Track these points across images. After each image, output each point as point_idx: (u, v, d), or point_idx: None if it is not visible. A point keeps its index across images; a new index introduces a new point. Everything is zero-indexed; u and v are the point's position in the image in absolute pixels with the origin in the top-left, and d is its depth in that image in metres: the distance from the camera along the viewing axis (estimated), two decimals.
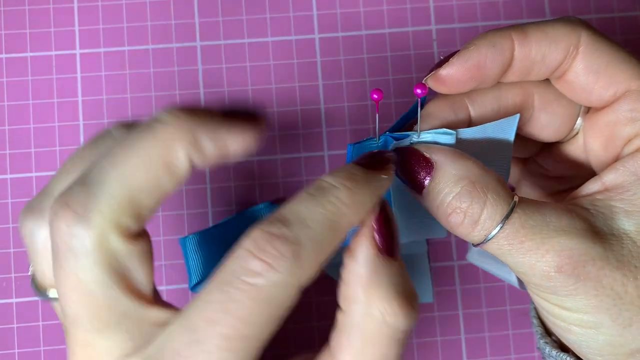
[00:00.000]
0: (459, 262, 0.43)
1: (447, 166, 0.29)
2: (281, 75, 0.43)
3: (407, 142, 0.30)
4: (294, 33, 0.44)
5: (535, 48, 0.30)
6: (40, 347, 0.41)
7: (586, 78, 0.30)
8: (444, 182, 0.28)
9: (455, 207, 0.28)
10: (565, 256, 0.28)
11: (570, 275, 0.28)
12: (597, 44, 0.30)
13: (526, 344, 0.42)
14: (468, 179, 0.28)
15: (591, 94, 0.31)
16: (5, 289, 0.41)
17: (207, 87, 0.43)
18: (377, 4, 0.44)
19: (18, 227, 0.34)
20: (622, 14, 0.45)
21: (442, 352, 0.42)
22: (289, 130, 0.43)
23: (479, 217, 0.28)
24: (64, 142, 0.42)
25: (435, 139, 0.30)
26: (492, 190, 0.28)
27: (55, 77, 0.43)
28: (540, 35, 0.30)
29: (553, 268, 0.28)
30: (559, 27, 0.30)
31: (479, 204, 0.28)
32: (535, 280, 0.28)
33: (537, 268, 0.28)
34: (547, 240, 0.28)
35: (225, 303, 0.23)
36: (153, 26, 0.43)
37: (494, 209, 0.28)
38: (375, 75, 0.44)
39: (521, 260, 0.28)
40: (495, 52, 0.29)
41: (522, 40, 0.30)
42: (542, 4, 0.45)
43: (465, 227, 0.28)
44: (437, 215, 0.29)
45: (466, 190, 0.28)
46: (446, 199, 0.28)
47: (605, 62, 0.30)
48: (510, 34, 0.30)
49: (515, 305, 0.43)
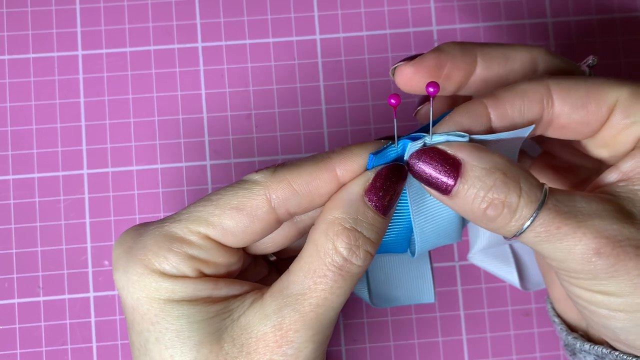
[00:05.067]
0: (460, 262, 0.43)
1: (475, 161, 0.29)
2: (282, 76, 0.44)
3: (420, 144, 0.30)
4: (295, 34, 0.44)
5: (510, 108, 0.30)
6: (42, 347, 0.41)
7: (578, 114, 0.31)
8: (474, 176, 0.28)
9: (491, 199, 0.28)
10: (603, 237, 0.28)
11: (609, 256, 0.28)
12: (566, 84, 0.31)
13: (528, 345, 0.42)
14: (500, 171, 0.28)
15: (589, 124, 0.31)
16: (8, 290, 0.41)
17: (209, 89, 0.43)
18: (378, 4, 0.44)
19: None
20: (623, 14, 0.45)
21: (444, 352, 0.42)
22: (290, 130, 0.43)
23: (517, 205, 0.28)
24: (66, 143, 0.42)
25: (446, 140, 0.30)
26: (524, 179, 0.29)
27: (58, 78, 0.43)
28: (511, 95, 0.31)
29: (592, 250, 0.28)
30: (526, 84, 0.31)
31: (515, 193, 0.28)
32: (574, 266, 0.29)
33: (575, 252, 0.28)
34: (582, 224, 0.28)
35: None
36: (155, 27, 0.44)
37: (529, 197, 0.28)
38: (377, 76, 0.44)
39: (558, 246, 0.28)
40: (469, 118, 0.30)
41: (493, 103, 0.30)
42: (543, 5, 0.45)
43: (504, 217, 0.29)
44: (471, 211, 0.29)
45: (501, 181, 0.28)
46: (480, 193, 0.28)
47: (583, 94, 0.31)
48: (482, 100, 0.31)
49: (516, 306, 0.43)
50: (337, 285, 0.29)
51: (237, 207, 0.29)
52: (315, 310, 0.29)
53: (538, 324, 0.43)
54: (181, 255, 0.29)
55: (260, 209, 0.29)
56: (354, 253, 0.29)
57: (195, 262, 0.29)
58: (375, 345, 0.42)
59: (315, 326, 0.29)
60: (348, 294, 0.30)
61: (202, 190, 0.42)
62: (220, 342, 0.29)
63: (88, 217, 0.42)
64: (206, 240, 0.30)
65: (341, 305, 0.30)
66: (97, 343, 0.41)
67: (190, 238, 0.29)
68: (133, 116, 0.43)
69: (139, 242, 0.30)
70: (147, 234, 0.30)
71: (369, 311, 0.42)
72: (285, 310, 0.29)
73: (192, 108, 0.43)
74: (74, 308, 0.41)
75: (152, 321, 0.29)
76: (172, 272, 0.29)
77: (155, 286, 0.29)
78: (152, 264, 0.29)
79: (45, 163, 0.42)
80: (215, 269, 0.30)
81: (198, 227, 0.29)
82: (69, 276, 0.42)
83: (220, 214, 0.29)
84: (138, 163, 0.43)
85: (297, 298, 0.29)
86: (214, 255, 0.30)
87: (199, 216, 0.30)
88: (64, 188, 0.42)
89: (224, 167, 0.43)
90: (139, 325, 0.30)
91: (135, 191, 0.42)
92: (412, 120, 0.43)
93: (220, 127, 0.43)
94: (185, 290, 0.29)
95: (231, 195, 0.30)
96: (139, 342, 0.30)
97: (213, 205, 0.30)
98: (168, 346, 0.29)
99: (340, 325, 0.42)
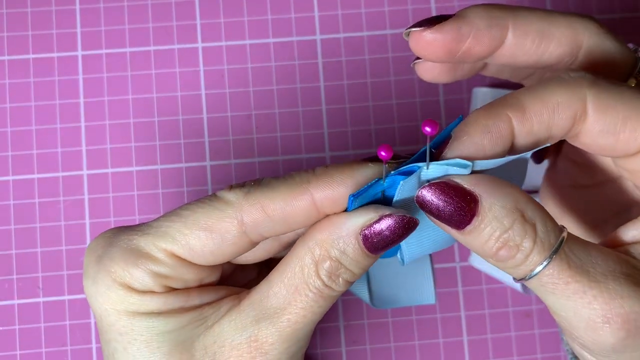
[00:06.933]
0: (461, 263, 0.43)
1: (494, 198, 0.26)
2: (282, 76, 0.43)
3: (416, 178, 0.27)
4: (296, 34, 0.44)
5: (537, 123, 0.26)
6: (42, 348, 0.41)
7: (605, 140, 0.27)
8: (492, 216, 0.26)
9: (506, 241, 0.26)
10: (616, 306, 0.25)
11: (620, 329, 0.25)
12: (606, 101, 0.27)
13: (529, 346, 0.42)
14: (519, 212, 0.26)
15: (614, 150, 0.28)
16: (7, 291, 0.41)
17: (209, 89, 0.43)
18: (379, 5, 0.44)
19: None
20: (624, 15, 0.45)
21: (444, 354, 0.42)
22: (291, 131, 0.43)
23: (530, 251, 0.26)
24: (66, 144, 0.42)
25: (445, 172, 0.27)
26: (541, 222, 0.26)
27: (57, 78, 0.43)
28: (540, 107, 0.26)
29: (600, 318, 0.25)
30: (559, 93, 0.26)
31: (531, 238, 0.25)
32: (579, 332, 0.26)
33: (582, 315, 0.26)
34: (594, 284, 0.25)
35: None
36: (155, 27, 0.44)
37: (543, 243, 0.26)
38: (377, 77, 0.44)
39: (564, 303, 0.26)
40: (491, 139, 0.26)
41: (520, 118, 0.26)
42: (543, 5, 0.45)
43: (516, 260, 0.26)
44: (481, 249, 0.26)
45: (519, 223, 0.26)
46: (496, 233, 0.26)
47: (621, 117, 0.27)
48: (506, 112, 0.26)
49: (517, 307, 0.43)
50: (317, 304, 0.28)
51: (205, 227, 0.28)
52: (293, 326, 0.28)
53: (539, 325, 0.42)
54: (146, 271, 0.28)
55: (229, 233, 0.28)
56: (333, 281, 0.28)
57: (161, 278, 0.28)
58: (375, 346, 0.42)
59: (291, 339, 0.28)
60: (327, 310, 0.29)
61: (202, 191, 0.42)
62: (191, 351, 0.28)
63: (88, 218, 0.42)
64: (172, 257, 0.28)
65: (319, 319, 0.29)
66: (96, 344, 0.41)
67: (156, 255, 0.28)
68: (133, 117, 0.43)
69: (108, 253, 0.29)
70: (116, 245, 0.29)
71: (369, 312, 0.42)
72: (263, 323, 0.28)
73: (192, 108, 0.43)
74: (74, 309, 0.41)
75: (120, 332, 0.28)
76: (139, 287, 0.28)
77: (122, 300, 0.28)
78: (120, 278, 0.28)
79: (45, 164, 0.42)
80: (184, 284, 0.29)
81: (164, 244, 0.28)
82: (69, 277, 0.42)
83: (188, 233, 0.28)
84: (138, 164, 0.42)
85: (275, 311, 0.28)
86: (180, 272, 0.28)
87: (166, 232, 0.28)
88: (63, 189, 0.42)
89: (224, 167, 0.43)
90: (106, 334, 0.29)
91: (135, 192, 0.42)
92: (413, 120, 0.43)
93: (220, 127, 0.43)
94: (154, 304, 0.28)
95: (201, 213, 0.28)
96: (108, 351, 0.29)
97: (182, 222, 0.28)
98: (137, 356, 0.28)
99: (340, 326, 0.42)
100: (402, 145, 0.43)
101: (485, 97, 0.43)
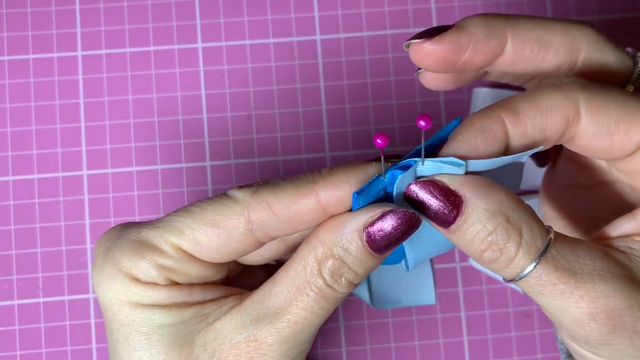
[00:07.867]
0: (461, 263, 0.43)
1: (479, 201, 0.26)
2: (282, 76, 0.43)
3: (412, 173, 0.27)
4: (296, 34, 0.44)
5: (531, 125, 0.27)
6: (42, 349, 0.41)
7: (600, 142, 0.28)
8: (476, 218, 0.26)
9: (490, 244, 0.26)
10: (601, 304, 0.26)
11: (604, 325, 0.26)
12: (598, 103, 0.27)
13: (529, 346, 0.42)
14: (503, 215, 0.26)
15: (611, 152, 0.28)
16: (7, 291, 0.41)
17: (209, 89, 0.43)
18: (379, 5, 0.44)
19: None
20: (624, 15, 0.45)
21: (445, 354, 0.42)
22: (291, 131, 0.43)
23: (515, 255, 0.26)
24: (66, 144, 0.42)
25: (439, 169, 0.27)
26: (527, 226, 0.26)
27: (57, 79, 0.43)
28: (533, 110, 0.27)
29: (586, 315, 0.26)
30: (552, 96, 0.27)
31: (515, 242, 0.26)
32: (567, 326, 0.27)
33: (569, 313, 0.26)
34: (581, 284, 0.26)
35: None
36: (155, 28, 0.44)
37: (528, 247, 0.26)
38: (377, 77, 0.44)
39: (553, 302, 0.27)
40: (486, 140, 0.27)
41: (514, 120, 0.27)
42: (543, 6, 0.45)
43: (500, 263, 0.27)
44: (467, 249, 0.27)
45: (502, 227, 0.26)
46: (480, 235, 0.26)
47: (614, 119, 0.27)
48: (500, 115, 0.27)
49: (517, 307, 0.43)
50: (319, 306, 0.28)
51: (213, 223, 0.28)
52: (293, 327, 0.28)
53: (539, 325, 0.42)
54: (152, 263, 0.28)
55: (236, 229, 0.28)
56: (336, 281, 0.28)
57: (166, 271, 0.29)
58: (375, 346, 0.42)
59: (291, 341, 0.28)
60: (330, 313, 0.29)
61: (202, 191, 0.42)
62: (191, 346, 0.29)
63: (88, 218, 0.42)
64: (178, 251, 0.29)
65: (321, 323, 0.29)
66: (97, 344, 0.41)
67: (164, 247, 0.29)
68: (133, 117, 0.43)
69: (117, 245, 0.29)
70: (125, 237, 0.29)
71: (369, 312, 0.42)
72: (262, 322, 0.28)
73: (192, 109, 0.43)
74: (74, 309, 0.41)
75: (122, 322, 0.29)
76: (143, 278, 0.29)
77: (125, 290, 0.29)
78: (125, 268, 0.29)
79: (44, 164, 0.42)
80: (188, 279, 0.29)
81: (172, 238, 0.29)
82: (69, 277, 0.42)
83: (196, 228, 0.28)
84: (138, 164, 0.42)
85: (276, 311, 0.28)
86: (185, 266, 0.29)
87: (175, 226, 0.29)
88: (63, 189, 0.42)
89: (224, 168, 0.43)
90: (110, 324, 0.29)
91: (135, 192, 0.42)
92: (413, 120, 0.43)
93: (220, 127, 0.43)
94: (156, 296, 0.29)
95: (210, 210, 0.28)
96: (111, 341, 0.30)
97: (191, 218, 0.29)
98: (137, 348, 0.29)
99: (340, 326, 0.42)
100: (402, 145, 0.43)
101: (486, 98, 0.43)
